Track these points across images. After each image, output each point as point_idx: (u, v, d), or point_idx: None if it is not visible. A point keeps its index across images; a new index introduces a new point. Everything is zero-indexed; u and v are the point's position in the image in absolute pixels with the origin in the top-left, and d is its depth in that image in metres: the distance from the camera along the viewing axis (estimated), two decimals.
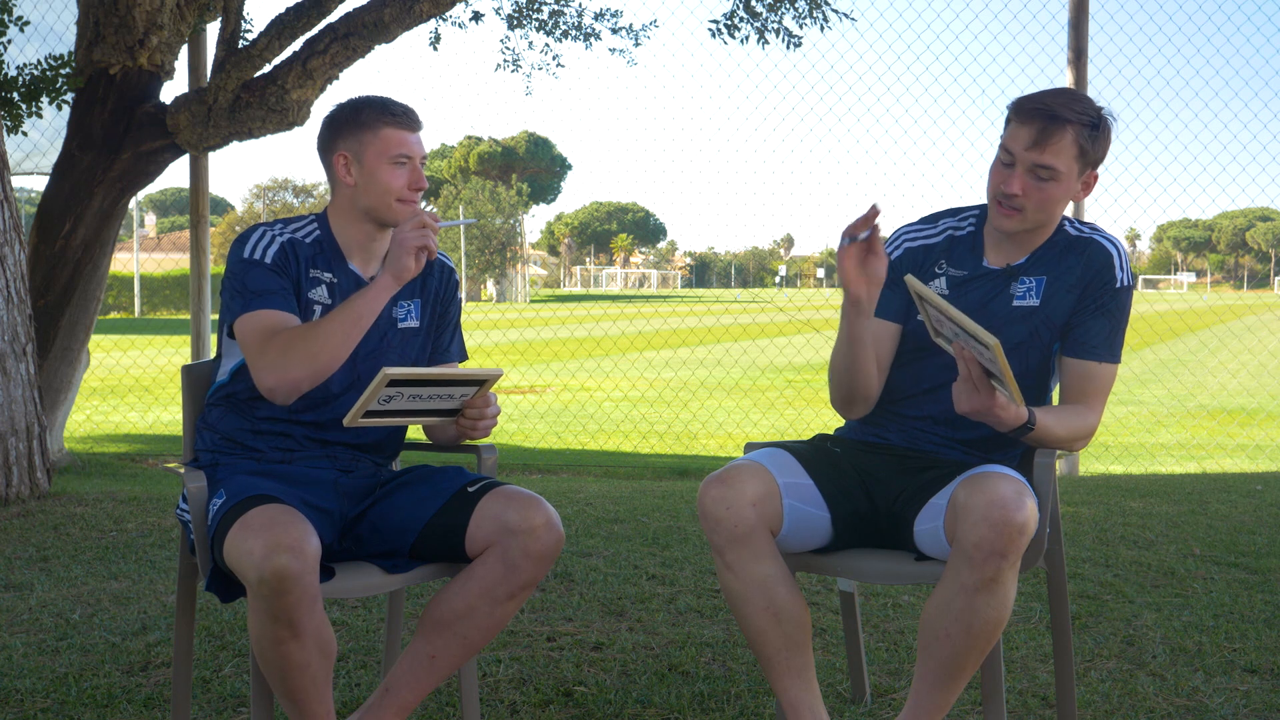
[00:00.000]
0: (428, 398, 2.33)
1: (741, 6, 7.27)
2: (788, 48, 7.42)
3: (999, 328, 2.50)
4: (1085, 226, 2.56)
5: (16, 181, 6.11)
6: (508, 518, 2.37)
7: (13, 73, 6.03)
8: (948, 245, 2.59)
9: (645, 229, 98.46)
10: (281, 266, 2.47)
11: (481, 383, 2.36)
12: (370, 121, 2.50)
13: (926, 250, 2.60)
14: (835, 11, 7.33)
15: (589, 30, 7.81)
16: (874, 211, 2.33)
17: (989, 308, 2.52)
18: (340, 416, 2.51)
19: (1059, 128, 2.38)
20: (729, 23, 7.28)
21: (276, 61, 6.20)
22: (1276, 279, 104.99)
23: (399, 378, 2.21)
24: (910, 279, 2.24)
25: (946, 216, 2.63)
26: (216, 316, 3.00)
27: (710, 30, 7.30)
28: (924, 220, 2.65)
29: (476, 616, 2.39)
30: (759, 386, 14.14)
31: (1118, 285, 2.50)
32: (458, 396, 2.37)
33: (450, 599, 2.41)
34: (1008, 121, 2.46)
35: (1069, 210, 6.69)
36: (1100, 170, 2.48)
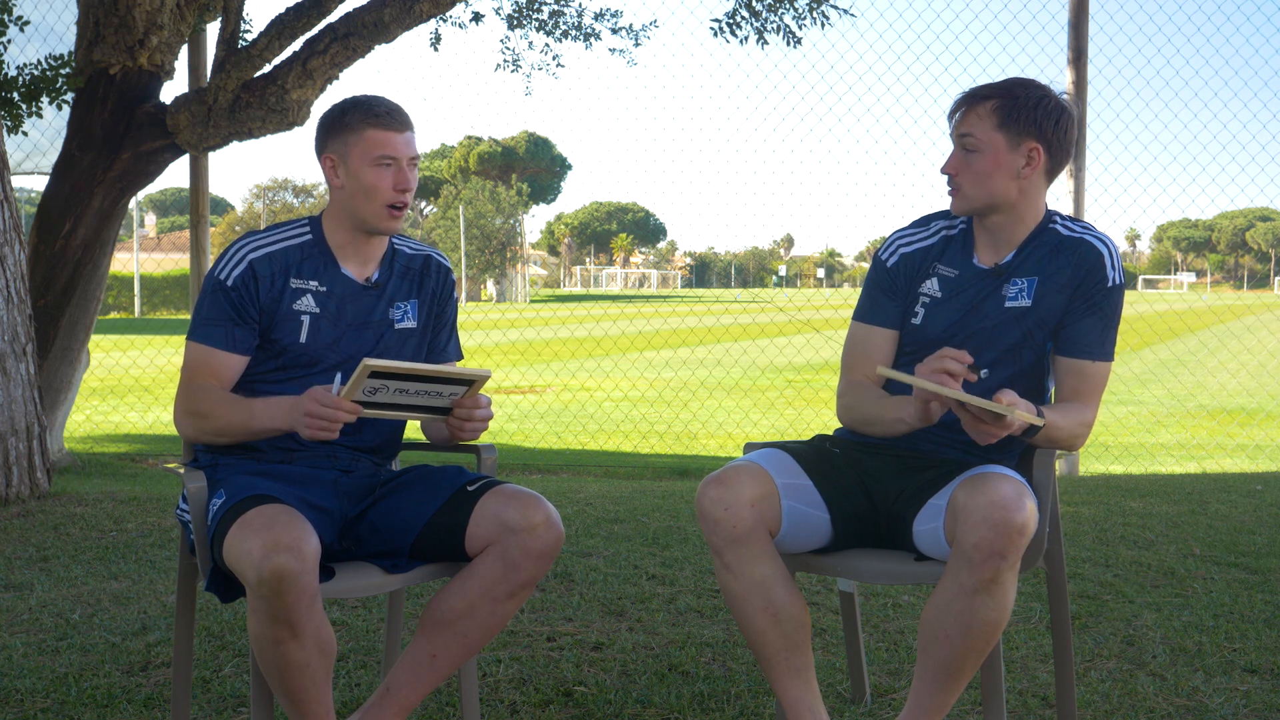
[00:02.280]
0: (415, 393, 2.30)
1: (743, 6, 7.27)
2: (788, 45, 7.42)
3: (991, 330, 2.51)
4: (1077, 226, 2.56)
5: (16, 181, 6.11)
6: (507, 516, 2.37)
7: (13, 73, 6.03)
8: (942, 246, 2.60)
9: (645, 229, 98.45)
10: (240, 290, 2.48)
11: (470, 383, 2.35)
12: (354, 123, 2.49)
13: (924, 254, 2.60)
14: (835, 8, 7.33)
15: (589, 30, 7.81)
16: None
17: (981, 309, 2.53)
18: None
19: (974, 101, 2.48)
20: (731, 21, 7.28)
21: (276, 61, 6.20)
22: (1276, 279, 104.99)
23: (379, 369, 2.19)
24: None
25: (939, 218, 2.64)
26: None
27: (712, 30, 7.31)
28: (916, 224, 2.65)
29: (477, 615, 2.39)
30: (759, 386, 14.14)
31: (1109, 285, 2.50)
32: (446, 395, 2.35)
33: (451, 598, 2.41)
34: None
35: (1069, 209, 6.71)
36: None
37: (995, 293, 2.53)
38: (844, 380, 2.63)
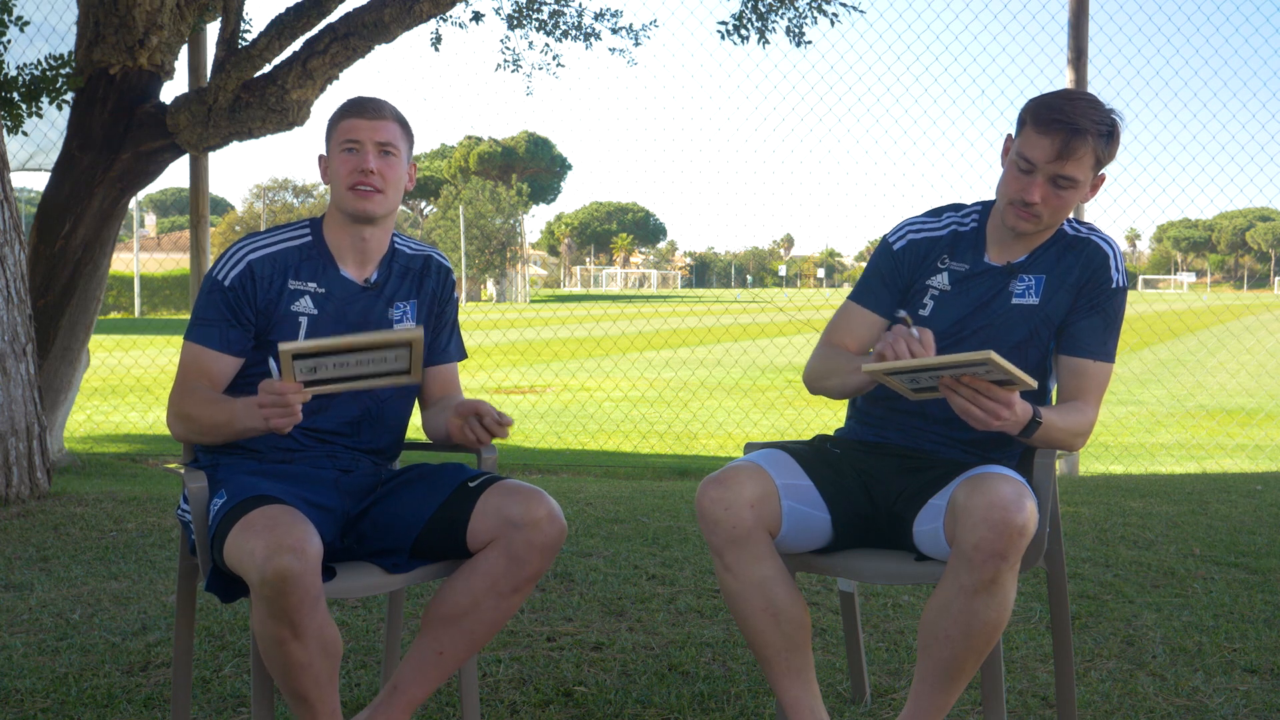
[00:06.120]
0: (358, 363, 2.22)
1: (748, 7, 7.27)
2: (796, 45, 7.42)
3: (998, 326, 2.51)
4: (1083, 226, 2.57)
5: (17, 180, 6.11)
6: (510, 511, 2.37)
7: (13, 73, 6.03)
8: (951, 240, 2.61)
9: (645, 229, 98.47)
10: (237, 291, 2.49)
11: (406, 345, 2.23)
12: (335, 119, 2.56)
13: (931, 243, 2.61)
14: (845, 5, 7.33)
15: (589, 30, 7.82)
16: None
17: (989, 306, 2.53)
18: (336, 421, 2.54)
19: (1081, 140, 2.37)
20: (737, 24, 7.29)
21: (276, 61, 6.21)
22: (1276, 279, 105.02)
23: (298, 351, 2.14)
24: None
25: (950, 211, 2.65)
26: None
27: (720, 32, 7.32)
28: (928, 214, 2.66)
29: (482, 610, 2.39)
30: (759, 386, 14.14)
31: (1113, 286, 2.51)
32: (392, 358, 2.25)
33: (455, 594, 2.41)
34: (1022, 124, 2.44)
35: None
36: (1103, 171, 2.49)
37: (1003, 290, 2.54)
38: (818, 346, 2.64)
